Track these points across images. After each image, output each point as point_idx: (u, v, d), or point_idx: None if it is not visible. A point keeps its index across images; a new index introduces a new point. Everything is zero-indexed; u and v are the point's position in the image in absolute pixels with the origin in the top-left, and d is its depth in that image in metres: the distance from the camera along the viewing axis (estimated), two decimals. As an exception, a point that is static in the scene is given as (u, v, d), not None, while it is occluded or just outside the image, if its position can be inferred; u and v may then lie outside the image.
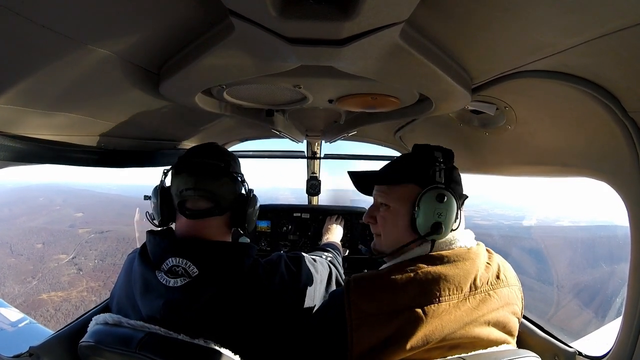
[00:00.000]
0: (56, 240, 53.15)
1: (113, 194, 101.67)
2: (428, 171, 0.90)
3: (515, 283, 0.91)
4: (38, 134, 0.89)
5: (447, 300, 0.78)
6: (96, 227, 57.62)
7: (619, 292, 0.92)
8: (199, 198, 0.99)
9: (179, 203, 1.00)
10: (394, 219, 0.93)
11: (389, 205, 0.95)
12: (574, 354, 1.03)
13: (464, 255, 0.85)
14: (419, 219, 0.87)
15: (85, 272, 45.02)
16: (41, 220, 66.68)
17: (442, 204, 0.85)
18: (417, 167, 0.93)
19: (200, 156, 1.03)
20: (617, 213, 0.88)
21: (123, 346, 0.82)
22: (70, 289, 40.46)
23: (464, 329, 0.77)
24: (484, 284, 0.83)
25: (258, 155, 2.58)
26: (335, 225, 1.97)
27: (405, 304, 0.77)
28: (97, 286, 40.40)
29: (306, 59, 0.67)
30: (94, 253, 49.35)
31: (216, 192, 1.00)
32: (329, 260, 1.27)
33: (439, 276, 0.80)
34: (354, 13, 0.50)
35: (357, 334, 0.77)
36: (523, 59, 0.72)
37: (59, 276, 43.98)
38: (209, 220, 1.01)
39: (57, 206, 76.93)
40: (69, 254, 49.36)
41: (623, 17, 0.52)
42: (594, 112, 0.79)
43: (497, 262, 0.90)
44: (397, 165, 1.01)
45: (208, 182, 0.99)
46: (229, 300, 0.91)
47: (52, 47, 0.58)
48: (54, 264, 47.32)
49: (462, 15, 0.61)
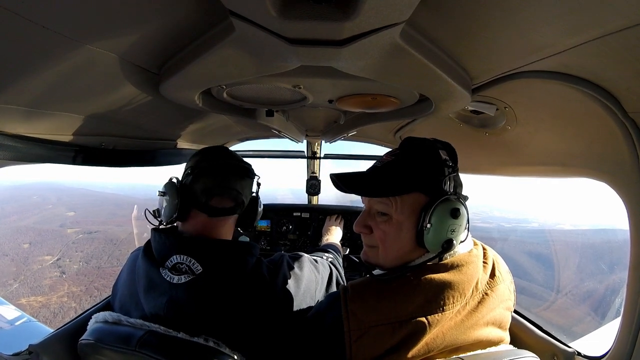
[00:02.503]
0: (43, 240, 50.84)
1: (109, 192, 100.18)
2: (437, 178, 0.80)
3: (508, 278, 0.88)
4: (38, 133, 0.89)
5: (450, 309, 0.74)
6: (86, 227, 55.89)
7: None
8: (226, 197, 1.03)
9: (204, 201, 1.01)
10: (396, 233, 0.82)
11: (391, 216, 0.82)
12: (572, 353, 1.03)
13: (467, 259, 0.81)
14: (429, 236, 0.77)
15: (69, 276, 42.60)
16: (32, 219, 64.79)
17: (456, 220, 0.77)
18: (424, 172, 0.81)
19: (223, 158, 1.06)
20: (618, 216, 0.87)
21: (123, 344, 0.82)
22: (50, 294, 38.15)
23: (465, 334, 0.74)
24: (484, 284, 0.81)
25: (258, 155, 2.58)
26: (335, 225, 1.98)
27: (410, 314, 0.73)
28: (78, 291, 38.34)
29: (306, 59, 0.66)
30: (80, 255, 46.96)
31: (240, 192, 1.05)
32: (330, 261, 1.28)
33: (444, 284, 0.75)
34: (354, 13, 0.50)
35: (356, 346, 0.73)
36: (523, 59, 0.72)
37: (41, 279, 41.69)
38: (227, 218, 1.05)
39: (50, 205, 75.26)
40: (54, 255, 47.25)
41: (623, 18, 0.52)
42: (594, 112, 0.79)
43: (492, 257, 0.87)
44: (397, 170, 0.84)
45: (236, 181, 1.04)
46: (232, 298, 0.91)
47: (52, 47, 0.59)
48: (37, 265, 45.09)
49: (463, 15, 0.61)
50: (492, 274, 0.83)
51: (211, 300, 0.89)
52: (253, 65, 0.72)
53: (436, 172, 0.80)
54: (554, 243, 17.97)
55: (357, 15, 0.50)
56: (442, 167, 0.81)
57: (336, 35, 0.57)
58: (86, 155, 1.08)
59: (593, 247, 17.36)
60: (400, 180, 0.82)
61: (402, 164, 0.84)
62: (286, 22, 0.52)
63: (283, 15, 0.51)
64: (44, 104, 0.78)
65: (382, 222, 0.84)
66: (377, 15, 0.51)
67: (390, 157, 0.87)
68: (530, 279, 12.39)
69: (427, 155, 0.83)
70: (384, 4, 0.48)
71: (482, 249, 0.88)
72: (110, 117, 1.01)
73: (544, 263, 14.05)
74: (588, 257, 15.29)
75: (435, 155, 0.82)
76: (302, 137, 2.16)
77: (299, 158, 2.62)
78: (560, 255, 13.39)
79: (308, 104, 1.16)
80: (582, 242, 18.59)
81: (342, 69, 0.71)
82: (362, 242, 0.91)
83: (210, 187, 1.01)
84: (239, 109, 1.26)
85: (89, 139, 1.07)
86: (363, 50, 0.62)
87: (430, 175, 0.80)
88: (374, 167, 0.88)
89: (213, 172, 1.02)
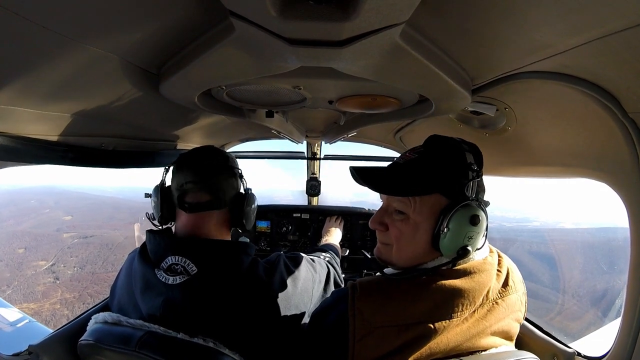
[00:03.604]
0: (39, 245, 49.75)
1: (107, 196, 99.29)
2: (460, 182, 0.76)
3: (521, 288, 0.85)
4: (38, 134, 0.89)
5: (458, 317, 0.72)
6: (82, 231, 54.85)
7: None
8: (199, 191, 1.01)
9: (179, 197, 1.02)
10: (412, 233, 0.80)
11: (408, 215, 0.80)
12: (572, 354, 1.03)
13: (480, 267, 0.78)
14: (445, 241, 0.75)
15: (62, 282, 41.79)
16: (28, 223, 64.00)
17: (475, 227, 0.74)
18: (447, 174, 0.78)
19: (200, 154, 1.07)
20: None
21: (123, 345, 0.82)
22: (43, 301, 37.16)
23: (469, 342, 0.73)
24: (495, 292, 0.78)
25: (258, 155, 2.58)
26: (334, 226, 1.97)
27: (417, 318, 0.72)
28: (71, 298, 37.34)
29: (306, 60, 0.66)
30: (74, 260, 45.89)
31: (216, 185, 1.03)
32: (327, 261, 1.28)
33: (454, 290, 0.73)
34: (354, 14, 0.50)
35: (360, 345, 0.72)
36: (523, 59, 0.72)
37: (35, 285, 40.91)
38: (208, 215, 1.03)
39: (47, 209, 73.95)
40: (48, 260, 46.24)
41: (623, 18, 0.52)
42: (594, 113, 0.79)
43: (507, 267, 0.84)
44: (420, 169, 0.80)
45: (209, 175, 1.02)
46: (228, 298, 0.91)
47: (51, 47, 0.58)
48: (31, 271, 44.15)
49: (463, 16, 0.61)
50: (505, 283, 0.81)
51: (206, 300, 0.89)
52: (253, 65, 0.72)
53: (460, 175, 0.77)
54: (554, 242, 17.81)
55: (357, 15, 0.50)
56: (466, 170, 0.77)
57: (336, 36, 0.57)
58: (86, 156, 1.08)
59: (593, 247, 17.20)
60: (422, 180, 0.79)
61: (425, 163, 0.81)
62: (286, 23, 0.52)
63: (283, 16, 0.51)
64: (44, 104, 0.78)
65: (398, 220, 0.81)
66: (377, 16, 0.51)
67: (413, 155, 0.83)
68: (536, 280, 12.26)
69: (452, 157, 0.79)
70: (384, 5, 0.48)
71: (498, 257, 0.85)
72: (110, 117, 1.01)
73: (548, 263, 13.90)
74: (589, 256, 15.14)
75: (461, 157, 0.78)
76: (302, 138, 2.16)
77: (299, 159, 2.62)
78: (563, 254, 13.24)
79: (308, 105, 1.16)
80: (582, 240, 18.40)
81: (342, 69, 0.71)
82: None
83: (182, 183, 1.02)
84: (238, 109, 1.26)
85: (89, 139, 1.07)
86: (363, 50, 0.62)
87: (454, 178, 0.77)
88: (395, 163, 0.86)
89: (186, 169, 1.02)
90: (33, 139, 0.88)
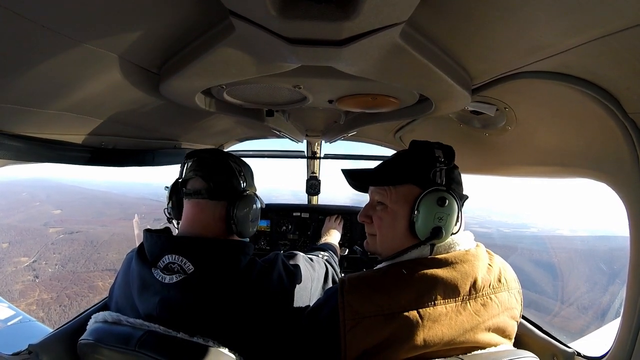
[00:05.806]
0: (23, 240, 47.99)
1: (100, 190, 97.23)
2: (428, 171, 0.86)
3: (515, 286, 0.89)
4: (38, 133, 0.89)
5: (443, 304, 0.76)
6: (69, 226, 53.07)
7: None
8: (197, 178, 1.05)
9: (181, 184, 1.07)
10: (391, 221, 0.89)
11: (387, 205, 0.90)
12: (572, 354, 1.03)
13: (462, 257, 0.83)
14: (418, 223, 0.84)
15: (42, 280, 39.11)
16: (17, 217, 61.71)
17: (443, 208, 0.82)
18: (417, 166, 0.89)
19: (206, 151, 1.13)
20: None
21: (122, 344, 0.82)
22: (19, 301, 34.23)
23: (465, 336, 0.76)
24: (486, 286, 0.81)
25: (258, 155, 2.59)
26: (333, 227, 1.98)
27: (402, 306, 0.76)
28: (48, 299, 35.08)
29: (306, 59, 0.66)
30: (57, 257, 44.06)
31: (214, 177, 1.05)
32: (325, 260, 1.28)
33: (436, 279, 0.78)
34: (354, 13, 0.50)
35: (350, 336, 0.75)
36: (523, 59, 0.72)
37: (13, 283, 38.78)
38: (206, 205, 1.03)
39: (38, 202, 71.78)
40: (30, 256, 44.27)
41: (623, 18, 0.52)
42: (594, 113, 0.79)
43: (498, 264, 0.88)
44: (394, 164, 0.95)
45: (208, 166, 1.06)
46: (225, 297, 0.91)
47: (52, 46, 0.58)
48: (11, 268, 42.00)
49: (463, 15, 0.61)
50: (498, 279, 0.85)
51: (203, 299, 0.89)
52: (253, 65, 0.72)
53: (428, 166, 0.87)
54: (555, 251, 17.70)
55: (357, 15, 0.50)
56: (433, 162, 0.87)
57: (336, 35, 0.57)
58: (86, 155, 1.08)
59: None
60: (395, 172, 0.92)
61: (399, 159, 0.95)
62: (286, 22, 0.52)
63: (283, 15, 0.51)
64: (44, 103, 0.78)
65: (380, 210, 0.92)
66: (377, 15, 0.51)
67: (394, 156, 0.98)
68: (541, 291, 12.04)
69: (422, 152, 0.91)
70: (384, 4, 0.48)
71: (488, 254, 0.90)
72: (110, 116, 1.01)
73: (552, 272, 13.74)
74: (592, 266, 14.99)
75: (430, 153, 0.89)
76: (302, 137, 2.16)
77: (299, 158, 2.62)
78: (565, 264, 13.22)
79: (308, 104, 1.16)
80: (583, 249, 18.34)
81: (342, 69, 0.71)
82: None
83: (184, 172, 1.08)
84: (239, 108, 1.26)
85: (89, 138, 1.07)
86: (363, 50, 0.62)
87: (422, 169, 0.87)
88: (380, 163, 0.99)
89: (191, 162, 1.08)
90: (33, 138, 0.88)
